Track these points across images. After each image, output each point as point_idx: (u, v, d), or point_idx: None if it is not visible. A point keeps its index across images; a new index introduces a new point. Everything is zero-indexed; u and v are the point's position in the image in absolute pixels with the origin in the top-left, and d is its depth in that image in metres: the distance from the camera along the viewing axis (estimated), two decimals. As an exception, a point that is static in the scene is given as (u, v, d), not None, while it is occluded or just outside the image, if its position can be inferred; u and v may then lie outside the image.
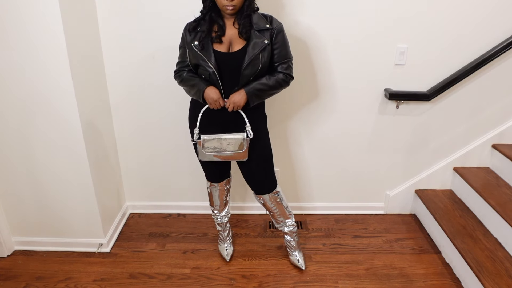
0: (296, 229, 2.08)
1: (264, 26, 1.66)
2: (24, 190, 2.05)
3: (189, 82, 1.74)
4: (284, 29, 1.72)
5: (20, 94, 1.81)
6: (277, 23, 1.70)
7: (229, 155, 1.78)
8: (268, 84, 1.70)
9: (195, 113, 1.77)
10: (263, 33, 1.66)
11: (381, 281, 2.01)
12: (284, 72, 1.73)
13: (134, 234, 2.37)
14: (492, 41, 2.11)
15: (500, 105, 2.29)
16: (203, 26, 1.68)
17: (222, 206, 2.12)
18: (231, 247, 2.19)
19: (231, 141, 1.74)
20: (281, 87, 1.75)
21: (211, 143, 1.75)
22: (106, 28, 2.06)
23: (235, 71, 1.67)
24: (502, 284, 1.74)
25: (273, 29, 1.68)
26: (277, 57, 1.71)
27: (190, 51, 1.69)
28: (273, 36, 1.68)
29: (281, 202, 1.98)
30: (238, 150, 1.76)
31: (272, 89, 1.72)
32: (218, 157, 1.80)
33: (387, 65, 2.17)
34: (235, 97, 1.67)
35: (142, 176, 2.49)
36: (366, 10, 2.04)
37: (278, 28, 1.69)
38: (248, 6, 1.64)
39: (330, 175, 2.50)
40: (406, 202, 2.57)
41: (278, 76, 1.72)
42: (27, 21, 1.66)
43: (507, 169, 2.27)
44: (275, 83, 1.71)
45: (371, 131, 2.36)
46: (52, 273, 2.03)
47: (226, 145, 1.75)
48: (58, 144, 1.92)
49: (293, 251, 2.11)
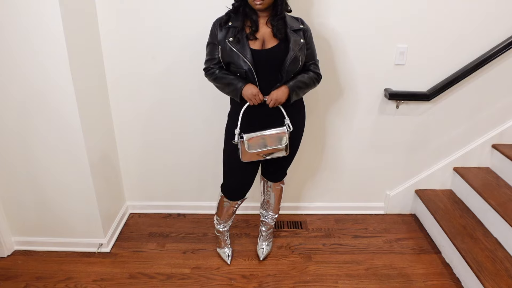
0: (273, 224, 2.20)
1: (298, 26, 1.71)
2: (24, 190, 2.05)
3: (224, 80, 1.71)
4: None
5: (20, 95, 1.81)
6: (306, 25, 1.76)
7: (270, 150, 1.77)
8: (305, 82, 1.74)
9: (237, 113, 1.74)
10: (298, 33, 1.70)
11: (381, 281, 2.01)
12: (315, 71, 1.79)
13: (134, 234, 2.37)
14: (492, 41, 2.11)
15: (500, 105, 2.29)
16: (236, 22, 1.65)
17: (228, 220, 2.10)
18: (231, 249, 2.19)
19: (273, 136, 1.74)
20: (313, 85, 1.80)
21: (255, 140, 1.74)
22: (106, 28, 2.06)
23: (271, 68, 1.67)
24: (502, 284, 1.74)
25: (305, 30, 1.74)
26: (309, 57, 1.76)
27: (224, 47, 1.66)
28: (305, 36, 1.73)
29: (280, 193, 2.10)
30: (280, 144, 1.76)
31: (308, 86, 1.77)
32: (262, 153, 1.78)
33: (387, 65, 2.17)
34: (278, 93, 1.67)
35: (142, 176, 2.49)
36: (366, 10, 2.04)
37: (309, 29, 1.76)
38: (282, 6, 1.64)
39: (330, 174, 2.50)
40: (406, 202, 2.57)
41: (310, 74, 1.77)
42: (27, 21, 1.66)
43: (507, 169, 2.27)
44: (310, 81, 1.76)
45: (371, 131, 2.36)
46: (52, 273, 2.03)
47: (269, 141, 1.75)
48: (58, 144, 1.92)
49: (262, 240, 2.22)
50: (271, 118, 1.75)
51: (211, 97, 2.19)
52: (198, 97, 2.22)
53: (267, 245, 2.21)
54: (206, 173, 2.44)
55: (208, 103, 2.22)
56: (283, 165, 1.99)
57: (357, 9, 2.04)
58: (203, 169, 2.43)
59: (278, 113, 1.74)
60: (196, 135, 2.34)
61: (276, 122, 1.75)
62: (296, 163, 2.45)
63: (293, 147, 1.89)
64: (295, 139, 1.88)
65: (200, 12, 2.00)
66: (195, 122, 2.30)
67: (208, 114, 2.26)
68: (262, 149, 1.75)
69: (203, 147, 2.36)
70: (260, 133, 1.73)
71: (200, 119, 2.28)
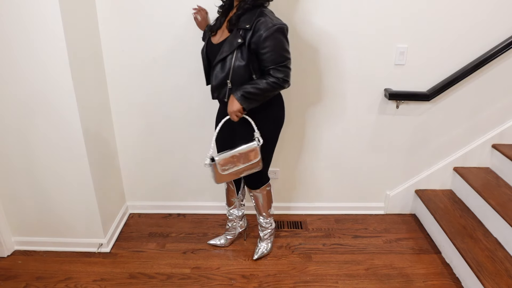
0: (270, 226, 2.16)
1: (244, 26, 1.56)
2: (24, 190, 2.05)
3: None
4: (279, 32, 1.58)
5: (20, 95, 1.81)
6: (260, 26, 1.55)
7: (244, 168, 1.72)
8: (258, 87, 1.61)
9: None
10: (242, 32, 1.57)
11: (381, 281, 2.01)
12: (275, 76, 1.61)
13: (134, 234, 2.37)
14: (492, 41, 2.11)
15: (500, 105, 2.29)
16: (218, 17, 1.71)
17: (229, 204, 2.16)
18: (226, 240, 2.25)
19: (244, 154, 1.68)
20: (275, 90, 1.66)
21: (227, 161, 1.68)
22: (106, 28, 2.06)
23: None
24: (502, 284, 1.74)
25: (255, 31, 1.55)
26: (266, 61, 1.60)
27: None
28: (252, 38, 1.57)
29: (261, 199, 2.02)
30: (253, 160, 1.71)
31: (265, 92, 1.63)
32: (235, 174, 1.74)
33: (387, 65, 2.17)
34: (230, 106, 1.64)
35: (142, 176, 2.49)
36: (366, 10, 2.04)
37: (262, 31, 1.54)
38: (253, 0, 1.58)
39: (330, 175, 2.50)
40: (406, 202, 2.57)
41: (269, 79, 1.62)
42: (27, 21, 1.66)
43: (507, 169, 2.27)
44: (266, 86, 1.62)
45: (371, 131, 2.36)
46: (52, 273, 2.03)
47: (241, 158, 1.69)
48: (58, 144, 1.92)
49: (259, 241, 2.21)
50: (241, 128, 1.74)
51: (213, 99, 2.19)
52: (199, 98, 2.21)
53: (263, 245, 2.18)
54: (206, 173, 2.44)
55: (209, 104, 2.22)
56: (255, 173, 1.90)
57: (357, 9, 2.04)
58: (203, 169, 2.43)
59: (247, 123, 1.71)
60: (197, 135, 2.34)
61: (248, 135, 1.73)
62: (296, 163, 2.45)
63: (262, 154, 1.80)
64: (263, 148, 1.79)
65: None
66: (196, 123, 2.29)
67: (208, 115, 2.25)
68: (236, 168, 1.71)
69: (203, 147, 2.36)
70: (231, 152, 1.69)
71: (201, 119, 2.28)
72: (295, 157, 2.44)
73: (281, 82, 1.64)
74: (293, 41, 2.09)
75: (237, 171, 1.73)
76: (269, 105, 1.76)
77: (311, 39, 2.10)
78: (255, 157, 1.70)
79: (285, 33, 1.62)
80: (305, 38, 2.10)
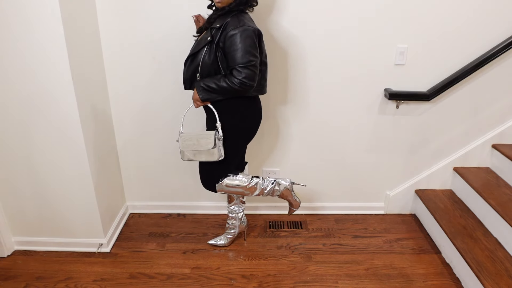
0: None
1: (216, 25, 1.68)
2: (24, 190, 2.05)
3: None
4: (245, 33, 1.62)
5: (20, 95, 1.81)
6: (235, 26, 1.62)
7: (197, 150, 1.82)
8: (216, 83, 1.69)
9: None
10: (213, 31, 1.69)
11: (381, 281, 2.01)
12: (234, 76, 1.65)
13: (134, 234, 2.37)
14: (492, 41, 2.11)
15: (500, 105, 2.29)
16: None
17: (229, 200, 2.19)
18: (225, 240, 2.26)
19: (200, 137, 1.80)
20: (234, 91, 1.69)
21: (186, 139, 1.82)
22: (106, 28, 2.06)
23: None
24: (502, 284, 1.74)
25: (224, 30, 1.64)
26: (230, 61, 1.66)
27: None
28: (220, 37, 1.66)
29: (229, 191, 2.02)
30: (208, 148, 1.80)
31: (224, 90, 1.69)
32: (192, 154, 1.85)
33: (387, 65, 2.17)
34: (193, 95, 1.79)
35: (142, 176, 2.49)
36: (366, 10, 2.04)
37: (231, 32, 1.61)
38: (236, 5, 1.69)
39: (330, 175, 2.50)
40: (406, 202, 2.57)
41: (229, 78, 1.67)
42: (27, 21, 1.66)
43: (507, 169, 2.27)
44: (225, 85, 1.67)
45: (371, 131, 2.36)
46: (52, 273, 2.03)
47: (197, 142, 1.81)
48: (58, 145, 1.92)
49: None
50: (209, 119, 1.87)
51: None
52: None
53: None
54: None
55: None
56: (206, 168, 1.96)
57: (357, 9, 2.04)
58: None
59: (212, 114, 1.81)
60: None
61: (212, 124, 1.84)
62: (296, 163, 2.46)
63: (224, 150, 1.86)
64: (225, 144, 1.85)
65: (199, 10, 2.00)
66: (196, 122, 2.29)
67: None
68: (191, 149, 1.83)
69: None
70: (190, 134, 1.83)
71: (201, 119, 2.28)
72: (295, 157, 2.44)
73: (238, 83, 1.65)
74: (293, 41, 2.10)
75: (194, 151, 1.83)
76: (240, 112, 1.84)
77: (310, 39, 2.10)
78: (207, 145, 1.79)
79: (253, 36, 1.65)
80: (304, 39, 2.10)
